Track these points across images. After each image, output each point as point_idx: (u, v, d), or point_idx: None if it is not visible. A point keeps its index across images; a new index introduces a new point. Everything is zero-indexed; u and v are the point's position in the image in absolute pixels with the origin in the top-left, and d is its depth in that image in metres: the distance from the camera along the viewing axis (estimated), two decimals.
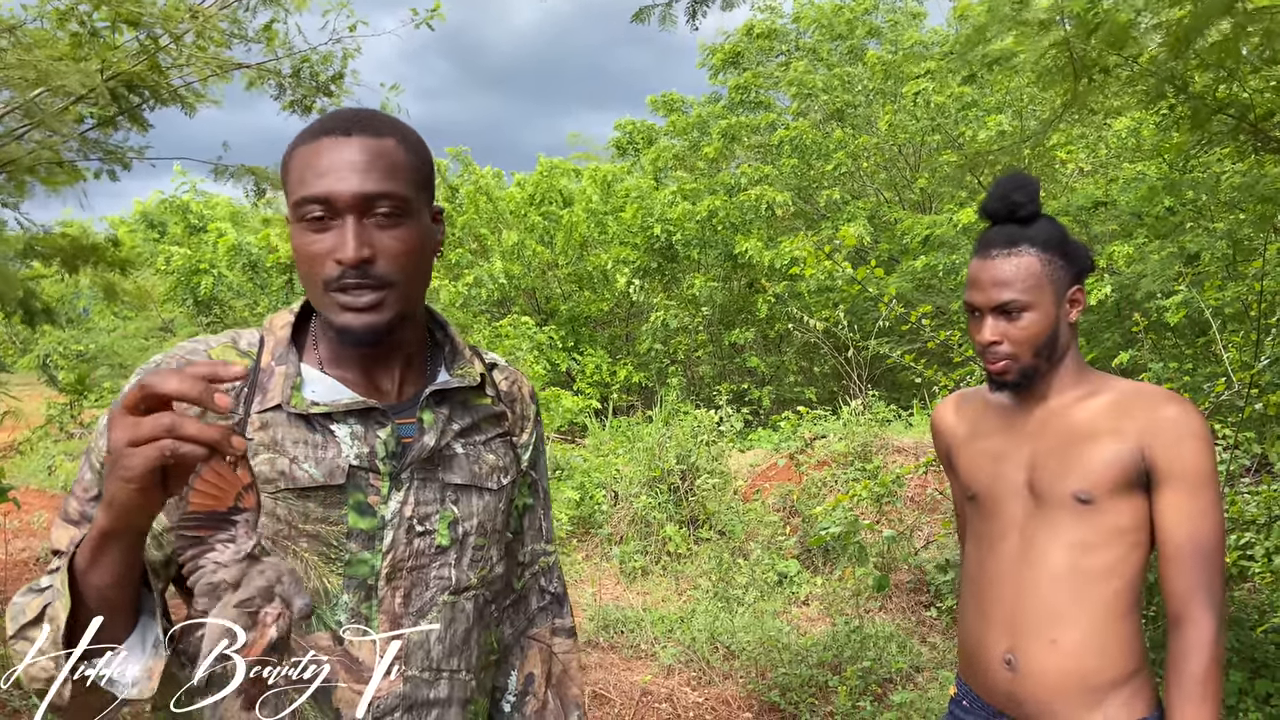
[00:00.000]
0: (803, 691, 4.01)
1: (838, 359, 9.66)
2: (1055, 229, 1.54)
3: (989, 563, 1.57)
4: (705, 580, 5.57)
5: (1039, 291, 1.50)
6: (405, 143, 1.11)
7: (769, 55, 13.85)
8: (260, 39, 6.18)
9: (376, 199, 1.05)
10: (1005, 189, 1.54)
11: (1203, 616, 1.43)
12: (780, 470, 7.25)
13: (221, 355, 1.11)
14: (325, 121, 1.09)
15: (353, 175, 1.04)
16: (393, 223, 1.07)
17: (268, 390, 1.10)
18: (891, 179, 12.34)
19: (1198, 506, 1.44)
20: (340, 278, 1.05)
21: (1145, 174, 8.37)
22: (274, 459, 1.06)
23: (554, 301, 12.83)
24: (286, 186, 1.09)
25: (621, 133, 15.95)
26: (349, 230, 1.04)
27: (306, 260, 1.07)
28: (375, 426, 1.11)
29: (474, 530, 1.18)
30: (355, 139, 1.06)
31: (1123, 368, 7.45)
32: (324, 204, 1.04)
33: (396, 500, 1.11)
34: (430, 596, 1.13)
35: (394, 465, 1.11)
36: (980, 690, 1.58)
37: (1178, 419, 1.44)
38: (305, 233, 1.06)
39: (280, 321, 1.17)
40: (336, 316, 1.07)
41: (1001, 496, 1.56)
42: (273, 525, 1.05)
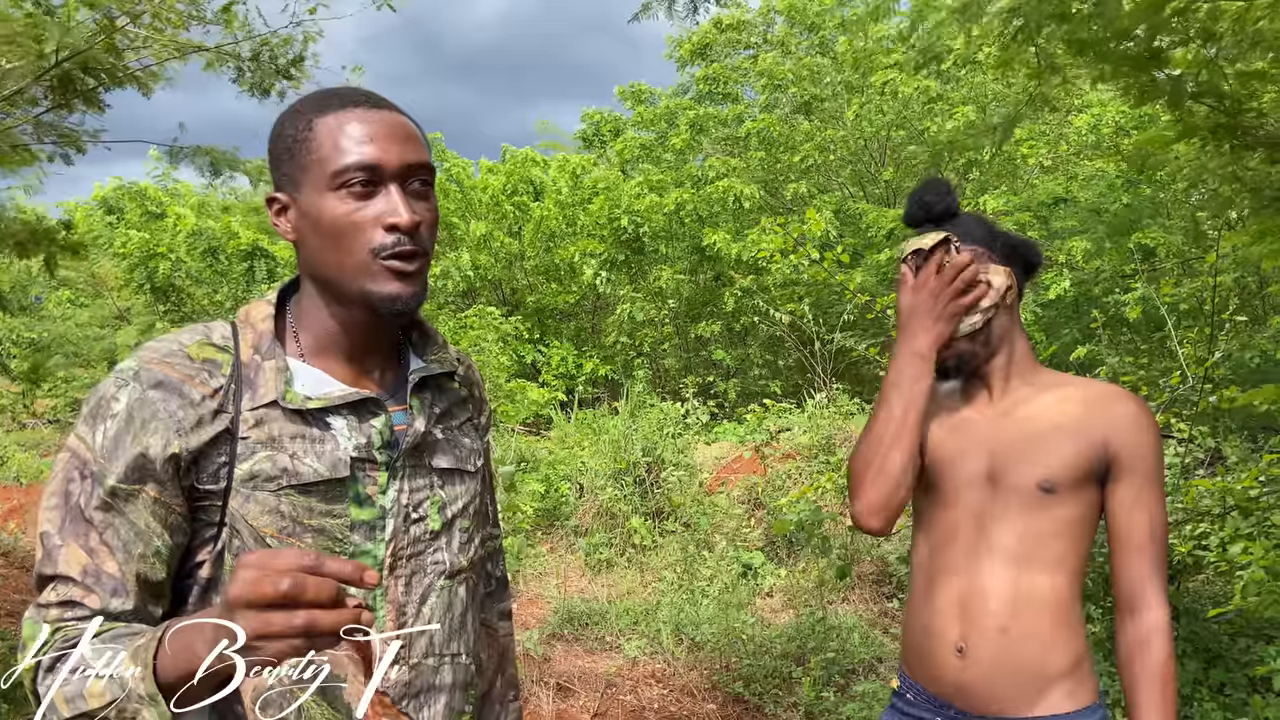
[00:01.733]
0: (767, 683, 4.04)
1: (802, 352, 9.72)
2: (977, 223, 1.60)
3: (943, 552, 1.58)
4: (670, 572, 5.58)
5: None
6: (415, 124, 1.13)
7: (737, 48, 13.86)
8: (219, 21, 6.07)
9: (416, 168, 1.07)
10: (918, 194, 1.62)
11: (1158, 602, 1.47)
12: (745, 463, 7.28)
13: (198, 352, 1.07)
14: (340, 96, 1.08)
15: (395, 144, 1.06)
16: (425, 191, 1.10)
17: (257, 386, 1.08)
18: (857, 173, 12.42)
19: (1153, 498, 1.50)
20: (394, 245, 1.05)
21: (1105, 171, 8.49)
22: (274, 456, 1.05)
23: (520, 293, 12.77)
24: (305, 158, 1.06)
25: (588, 124, 15.88)
26: (397, 196, 1.05)
27: (349, 228, 1.05)
28: (369, 416, 1.11)
29: (460, 513, 1.20)
30: (386, 112, 1.08)
31: (1080, 362, 7.57)
32: (370, 170, 1.04)
33: (394, 489, 1.12)
34: (429, 582, 1.14)
35: (389, 455, 1.12)
36: (927, 681, 1.58)
37: (1135, 415, 1.50)
38: (347, 200, 1.05)
39: (260, 314, 1.14)
40: (383, 286, 1.06)
41: (959, 485, 1.57)
42: (276, 522, 1.04)
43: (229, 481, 1.04)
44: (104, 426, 1.01)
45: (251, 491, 1.04)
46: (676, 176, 12.09)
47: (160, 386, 1.03)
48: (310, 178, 1.06)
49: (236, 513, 1.04)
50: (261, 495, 1.04)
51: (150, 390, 1.03)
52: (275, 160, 1.10)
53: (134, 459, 1.00)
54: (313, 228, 1.07)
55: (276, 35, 6.38)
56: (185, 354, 1.06)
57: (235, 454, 1.04)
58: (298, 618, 0.77)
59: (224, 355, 1.08)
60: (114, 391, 1.03)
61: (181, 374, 1.04)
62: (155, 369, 1.04)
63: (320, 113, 1.06)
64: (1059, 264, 8.72)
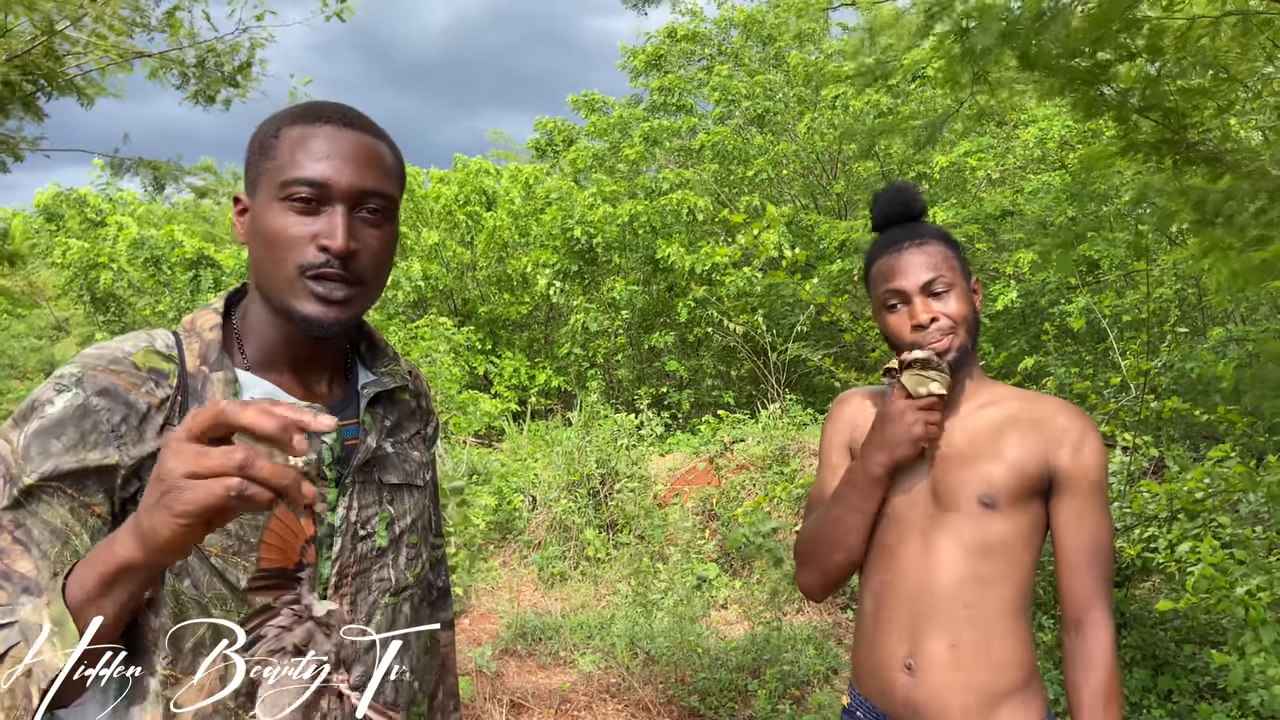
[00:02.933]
0: (722, 696, 4.01)
1: (756, 363, 9.76)
2: (940, 228, 1.61)
3: (889, 568, 1.56)
4: (624, 585, 5.54)
5: (956, 274, 1.54)
6: (393, 148, 1.11)
7: (691, 59, 13.93)
8: (163, 27, 5.96)
9: (370, 195, 1.04)
10: (892, 193, 1.61)
11: (1103, 619, 1.48)
12: (699, 474, 7.27)
13: (144, 361, 1.03)
14: (317, 109, 1.07)
15: (351, 166, 1.03)
16: (377, 220, 1.06)
17: (204, 398, 1.03)
18: (809, 185, 12.53)
19: (1096, 512, 1.49)
20: (320, 265, 1.02)
21: (1050, 184, 8.66)
22: None
23: (472, 303, 12.66)
24: (265, 164, 1.05)
25: (541, 133, 15.83)
26: (339, 218, 1.02)
27: (284, 241, 1.02)
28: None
29: (408, 529, 1.17)
30: (356, 134, 1.06)
31: (1028, 372, 7.69)
32: (317, 188, 1.02)
33: (343, 506, 1.09)
34: (373, 600, 1.11)
35: (339, 470, 1.10)
36: (877, 698, 1.56)
37: (1078, 428, 1.50)
38: (286, 213, 1.02)
39: (206, 322, 1.10)
40: (303, 305, 1.03)
41: (903, 500, 1.56)
42: (222, 541, 1.00)
43: None
44: (29, 427, 0.96)
45: None
46: (630, 187, 12.10)
47: (105, 394, 0.98)
48: (265, 184, 1.05)
49: None
50: None
51: (94, 397, 0.97)
52: (247, 161, 1.09)
53: (65, 464, 0.95)
54: (256, 234, 1.05)
55: (223, 42, 6.28)
56: (131, 362, 1.02)
57: None
58: (237, 452, 0.73)
59: (169, 365, 1.04)
60: (51, 395, 0.98)
61: (128, 382, 1.00)
62: (100, 376, 0.99)
63: (292, 122, 1.05)
64: (1006, 275, 8.87)
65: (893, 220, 1.60)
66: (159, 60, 6.07)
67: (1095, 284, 8.20)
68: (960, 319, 1.51)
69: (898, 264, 1.53)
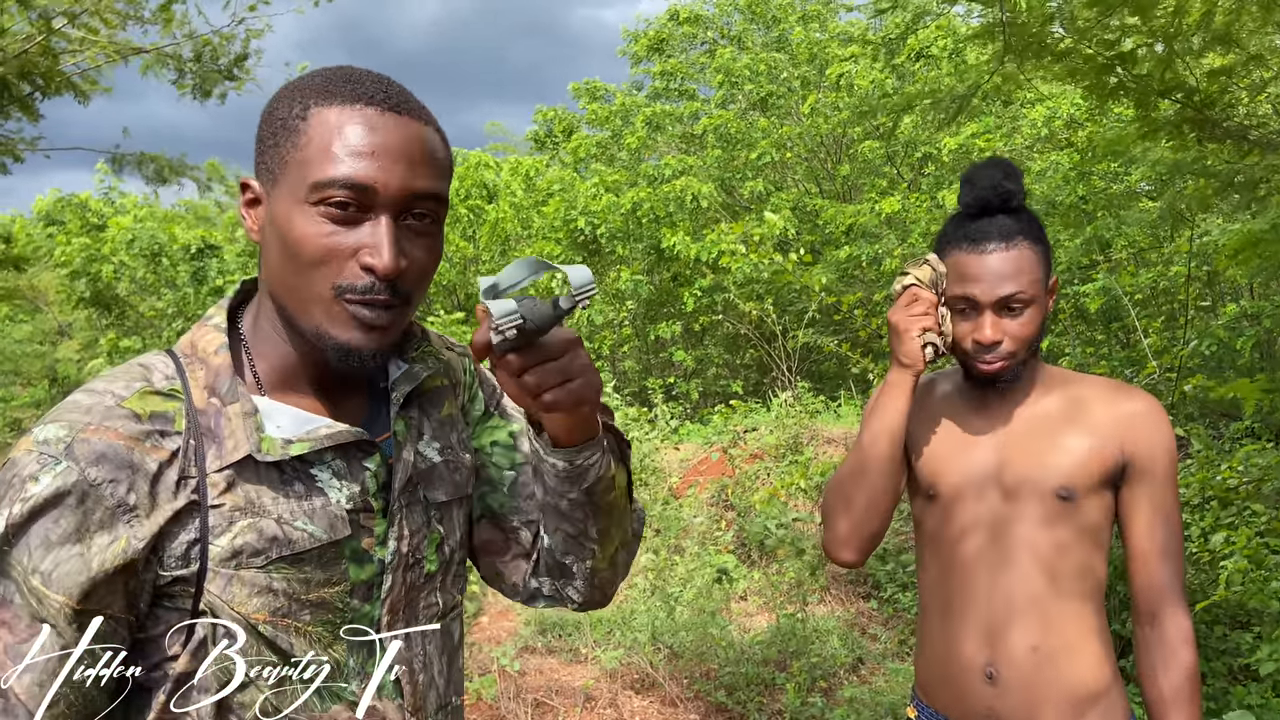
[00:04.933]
0: (749, 690, 3.95)
1: (766, 349, 9.68)
2: (1036, 218, 1.48)
3: (956, 569, 1.48)
4: (642, 578, 5.48)
5: (1038, 286, 1.42)
6: (440, 134, 0.92)
7: (693, 42, 13.82)
8: (157, 20, 5.88)
9: (420, 198, 0.87)
10: (996, 176, 1.43)
11: (1180, 609, 1.41)
12: (713, 465, 7.21)
13: (142, 406, 0.85)
14: (354, 84, 0.87)
15: (402, 165, 0.85)
16: (428, 229, 0.89)
17: (222, 439, 0.87)
18: (813, 169, 12.43)
19: (1170, 502, 1.43)
20: (363, 290, 0.85)
21: (1059, 163, 8.57)
22: (258, 523, 0.86)
23: (475, 298, 12.58)
24: (289, 151, 0.86)
25: (540, 123, 15.72)
26: (386, 232, 0.84)
27: (316, 255, 0.84)
28: (360, 456, 0.93)
29: (457, 546, 1.04)
30: (405, 120, 0.87)
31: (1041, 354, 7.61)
32: (360, 192, 0.84)
33: (394, 538, 0.95)
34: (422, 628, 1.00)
35: (384, 499, 0.95)
36: (953, 710, 1.48)
37: (1152, 414, 1.43)
38: (319, 220, 0.84)
39: (210, 343, 0.92)
40: (340, 331, 0.86)
41: (967, 492, 1.47)
42: (270, 604, 0.86)
43: (203, 563, 0.84)
44: (8, 513, 0.78)
45: (235, 572, 0.85)
46: (631, 176, 12.00)
47: (103, 461, 0.80)
48: (288, 178, 0.86)
49: (219, 599, 0.85)
50: (249, 574, 0.85)
51: (91, 469, 0.80)
52: (259, 142, 0.90)
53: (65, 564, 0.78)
54: (277, 239, 0.87)
55: (219, 34, 6.20)
56: (128, 411, 0.84)
57: (208, 528, 0.84)
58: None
59: (173, 404, 0.87)
60: (34, 469, 0.79)
61: (127, 439, 0.82)
62: (93, 438, 0.81)
63: (322, 100, 0.86)
64: None
65: (988, 210, 1.43)
66: (155, 55, 5.99)
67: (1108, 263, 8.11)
68: (1025, 339, 1.42)
69: (980, 267, 1.41)
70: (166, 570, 0.84)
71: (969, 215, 1.46)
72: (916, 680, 1.57)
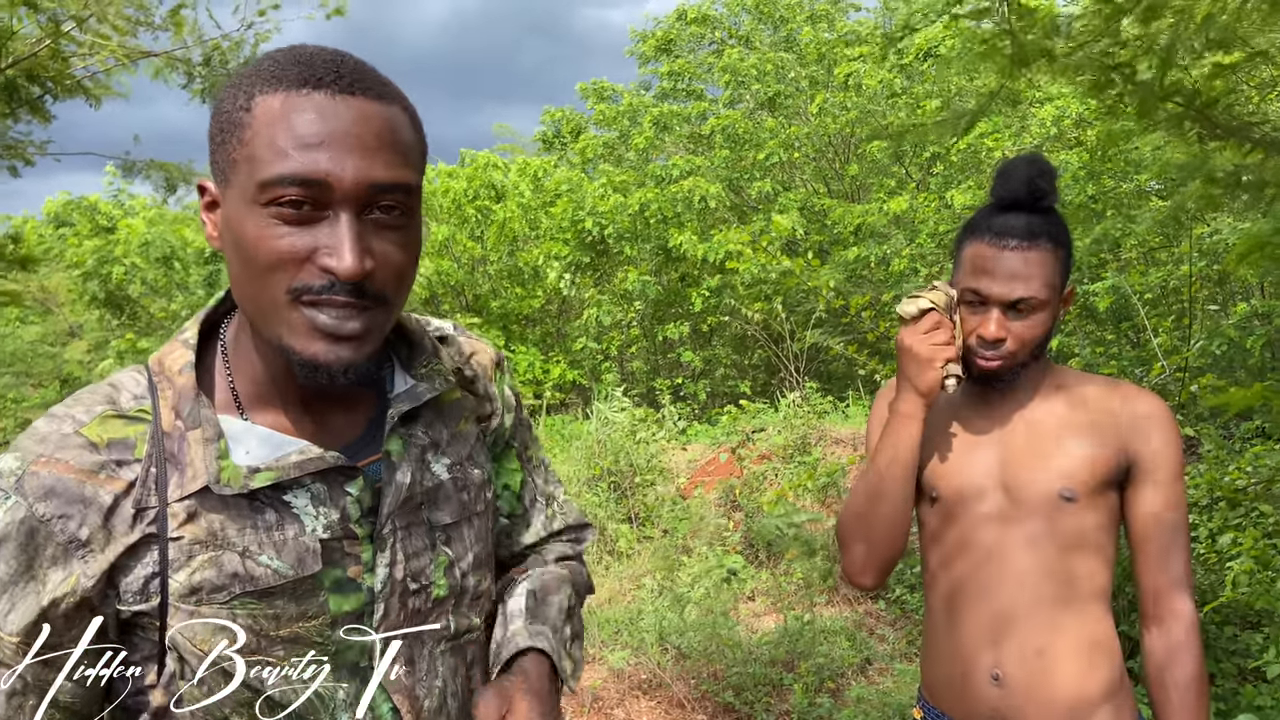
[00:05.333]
0: (757, 691, 3.95)
1: (774, 350, 9.67)
2: (1063, 220, 1.45)
3: (960, 571, 1.47)
4: (650, 579, 5.48)
5: (1051, 290, 1.40)
6: (408, 112, 0.82)
7: (701, 42, 13.82)
8: (167, 25, 5.91)
9: (384, 191, 0.77)
10: (1030, 173, 1.39)
11: (1187, 610, 1.40)
12: (720, 465, 7.21)
13: (100, 433, 0.81)
14: (303, 65, 0.77)
15: (356, 154, 0.76)
16: (397, 223, 0.80)
17: (184, 465, 0.81)
18: (821, 169, 12.42)
19: (1176, 503, 1.42)
20: (324, 290, 0.76)
21: (1068, 162, 8.54)
22: (218, 557, 0.81)
23: (483, 299, 12.60)
24: (235, 148, 0.77)
25: (548, 124, 15.74)
26: (346, 230, 0.76)
27: (269, 259, 0.76)
28: (340, 481, 0.86)
29: (471, 567, 0.97)
30: (358, 100, 0.77)
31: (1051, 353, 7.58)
32: (312, 188, 0.75)
33: (384, 564, 0.88)
34: (429, 652, 0.93)
35: (371, 524, 0.88)
36: (957, 712, 1.47)
37: (1157, 415, 1.42)
38: (270, 222, 0.76)
39: (175, 363, 0.86)
40: (301, 343, 0.78)
41: (969, 494, 1.46)
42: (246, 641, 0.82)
43: (164, 597, 0.80)
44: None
45: (195, 607, 0.80)
46: (639, 176, 12.01)
47: (51, 496, 0.77)
48: (238, 178, 0.77)
49: (180, 636, 0.80)
50: (210, 610, 0.80)
51: (39, 504, 0.77)
52: (210, 140, 0.81)
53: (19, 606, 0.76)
54: (231, 242, 0.79)
55: (228, 39, 6.22)
56: (84, 440, 0.80)
57: (168, 561, 0.80)
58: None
59: (136, 428, 0.82)
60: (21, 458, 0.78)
61: (79, 471, 0.78)
62: (43, 471, 0.78)
63: (266, 87, 0.77)
64: None
65: (1018, 206, 1.41)
66: (165, 59, 6.02)
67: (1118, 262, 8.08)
68: (1030, 341, 1.41)
69: (996, 263, 1.38)
70: (125, 605, 0.80)
71: (998, 208, 1.43)
72: (923, 682, 1.57)
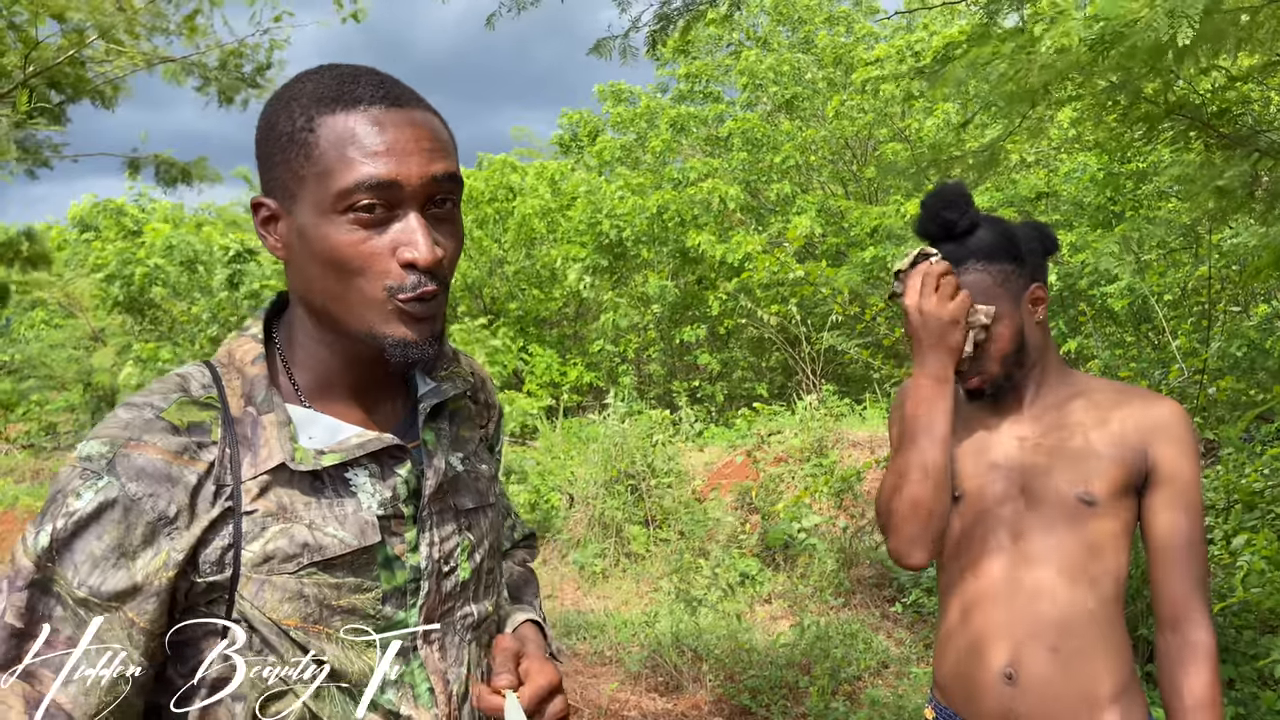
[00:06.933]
0: (774, 694, 3.96)
1: (790, 353, 9.67)
2: (995, 234, 1.48)
3: (977, 569, 1.49)
4: (666, 582, 5.50)
5: (1001, 300, 1.44)
6: (439, 116, 0.93)
7: (719, 44, 13.82)
8: (182, 31, 5.99)
9: (441, 183, 0.88)
10: (935, 208, 1.46)
11: (1203, 617, 1.41)
12: (737, 468, 7.21)
13: (180, 416, 0.87)
14: (349, 85, 0.88)
15: (416, 156, 0.86)
16: (449, 214, 0.91)
17: (257, 447, 0.89)
18: (838, 171, 12.40)
19: (1194, 508, 1.43)
20: (413, 286, 0.87)
21: (1087, 164, 8.50)
22: (289, 529, 0.88)
23: (500, 301, 12.67)
24: (304, 166, 0.86)
25: (565, 127, 15.79)
26: (417, 224, 0.87)
27: (360, 263, 0.86)
28: (391, 464, 0.95)
29: (487, 555, 1.05)
30: (406, 111, 0.88)
31: (1070, 356, 7.55)
32: (386, 191, 0.85)
33: (425, 544, 0.96)
34: (459, 640, 1.00)
35: (415, 505, 0.96)
36: (968, 711, 1.49)
37: (1175, 420, 1.43)
38: (351, 228, 0.86)
39: (247, 353, 0.94)
40: (396, 329, 0.89)
41: (989, 497, 1.49)
42: (300, 610, 0.88)
43: (236, 568, 0.86)
44: (52, 527, 0.81)
45: (266, 577, 0.87)
46: (656, 179, 12.03)
47: (143, 477, 0.83)
48: (309, 193, 0.87)
49: (250, 604, 0.87)
50: (280, 580, 0.87)
51: (132, 484, 0.82)
52: (264, 160, 0.90)
53: (112, 577, 0.81)
54: (310, 254, 0.88)
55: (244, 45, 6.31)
56: (166, 424, 0.86)
57: (241, 533, 0.87)
58: None
59: (209, 414, 0.89)
60: (77, 484, 0.82)
61: (165, 453, 0.84)
62: (134, 453, 0.83)
63: (324, 109, 0.86)
64: None
65: (936, 239, 1.48)
66: (180, 64, 6.11)
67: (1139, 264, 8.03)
68: (996, 357, 1.45)
69: None
70: (201, 577, 0.85)
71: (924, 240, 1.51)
72: (934, 680, 1.58)
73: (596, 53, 4.36)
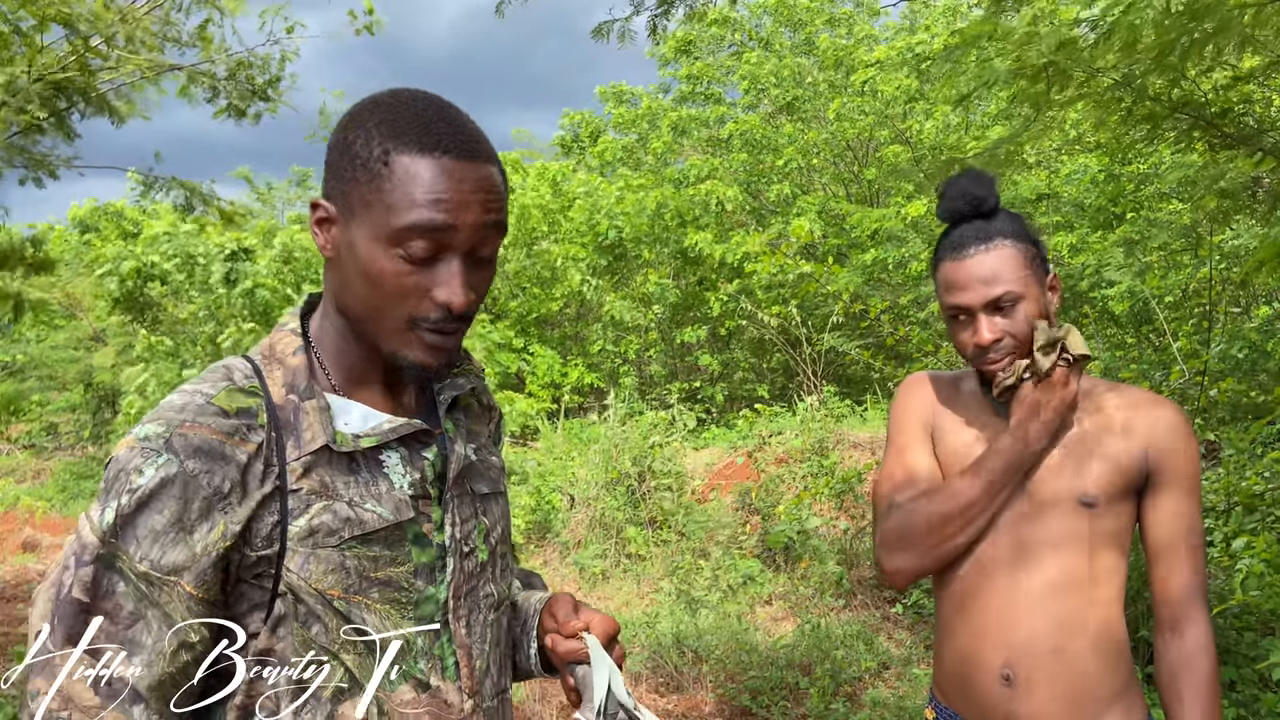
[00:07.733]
0: (774, 694, 3.97)
1: (790, 354, 9.67)
2: (1017, 218, 1.50)
3: (976, 570, 1.48)
4: (667, 583, 5.51)
5: (1027, 281, 1.43)
6: (499, 166, 1.00)
7: (721, 45, 13.82)
8: (194, 42, 5.99)
9: (489, 232, 0.96)
10: (964, 186, 1.47)
11: (1202, 617, 1.41)
12: (738, 468, 7.22)
13: (229, 402, 0.94)
14: (433, 132, 0.93)
15: (476, 209, 0.94)
16: (489, 257, 0.98)
17: (300, 431, 0.96)
18: (839, 173, 12.40)
19: (1193, 511, 1.44)
20: (436, 321, 0.95)
21: (1088, 166, 8.51)
22: (332, 505, 0.95)
23: (501, 301, 12.67)
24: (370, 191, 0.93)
25: (567, 128, 15.80)
26: (458, 272, 0.94)
27: (395, 292, 0.94)
28: (419, 448, 1.03)
29: (499, 538, 1.13)
30: (478, 166, 0.95)
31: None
32: (438, 235, 0.92)
33: (449, 524, 1.04)
34: (483, 619, 1.08)
35: (440, 487, 1.04)
36: (968, 711, 1.49)
37: (1176, 423, 1.44)
38: (399, 261, 0.93)
39: (289, 347, 1.02)
40: (414, 353, 0.97)
41: None
42: (342, 581, 0.94)
43: (283, 542, 0.93)
44: (117, 504, 0.86)
45: (312, 550, 0.93)
46: (657, 180, 12.03)
47: (199, 454, 0.88)
48: (370, 217, 0.93)
49: (296, 576, 0.92)
50: (324, 552, 0.94)
51: (190, 461, 0.88)
52: (333, 168, 0.97)
53: (171, 550, 0.87)
54: (356, 267, 0.95)
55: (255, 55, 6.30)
56: (217, 408, 0.92)
57: (287, 510, 0.93)
58: None
59: (255, 400, 0.96)
60: (138, 462, 0.87)
61: (219, 433, 0.91)
62: (190, 433, 0.89)
63: (401, 147, 0.92)
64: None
65: (961, 218, 1.48)
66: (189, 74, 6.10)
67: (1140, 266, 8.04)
68: (1023, 336, 1.43)
69: (962, 273, 1.44)
70: (253, 550, 0.91)
71: (950, 227, 1.51)
72: (934, 681, 1.59)
73: (597, 35, 4.40)
